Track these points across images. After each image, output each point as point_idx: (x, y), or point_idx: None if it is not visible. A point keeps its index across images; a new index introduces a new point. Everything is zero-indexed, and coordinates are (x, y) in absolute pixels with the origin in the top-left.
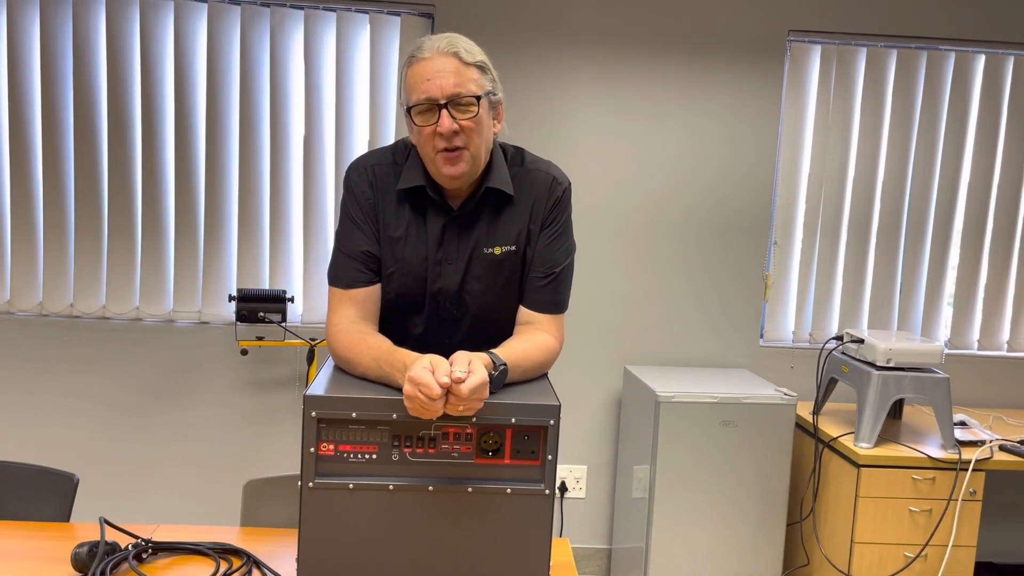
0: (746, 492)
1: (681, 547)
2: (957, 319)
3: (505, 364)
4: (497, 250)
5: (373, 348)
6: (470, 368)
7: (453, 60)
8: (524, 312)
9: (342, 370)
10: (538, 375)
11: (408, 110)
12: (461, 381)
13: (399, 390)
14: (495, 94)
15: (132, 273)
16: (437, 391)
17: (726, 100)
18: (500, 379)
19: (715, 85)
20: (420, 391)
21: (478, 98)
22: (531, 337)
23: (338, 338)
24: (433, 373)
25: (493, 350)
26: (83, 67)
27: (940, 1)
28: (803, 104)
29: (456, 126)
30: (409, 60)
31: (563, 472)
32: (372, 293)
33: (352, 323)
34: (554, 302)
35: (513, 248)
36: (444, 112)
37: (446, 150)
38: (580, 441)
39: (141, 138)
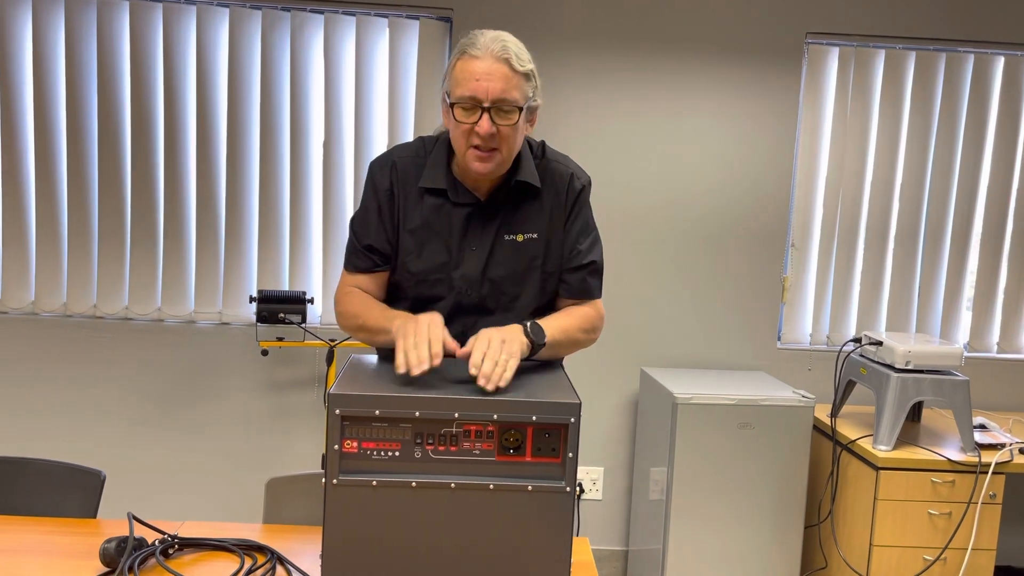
0: (764, 494)
1: (698, 549)
2: (976, 322)
3: (536, 321)
4: (519, 237)
5: (377, 304)
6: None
7: (504, 66)
8: (561, 301)
9: (361, 368)
10: (581, 339)
11: (450, 103)
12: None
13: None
14: (535, 100)
15: (154, 275)
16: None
17: (744, 103)
18: (536, 329)
19: (733, 88)
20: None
21: (520, 108)
22: (567, 310)
23: (344, 298)
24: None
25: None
26: (107, 72)
27: (959, 3)
28: (821, 106)
29: (494, 130)
30: (461, 53)
31: (580, 473)
32: (375, 280)
33: (347, 294)
34: (586, 289)
35: (535, 236)
36: (486, 115)
37: (478, 147)
38: (597, 442)
39: (163, 142)
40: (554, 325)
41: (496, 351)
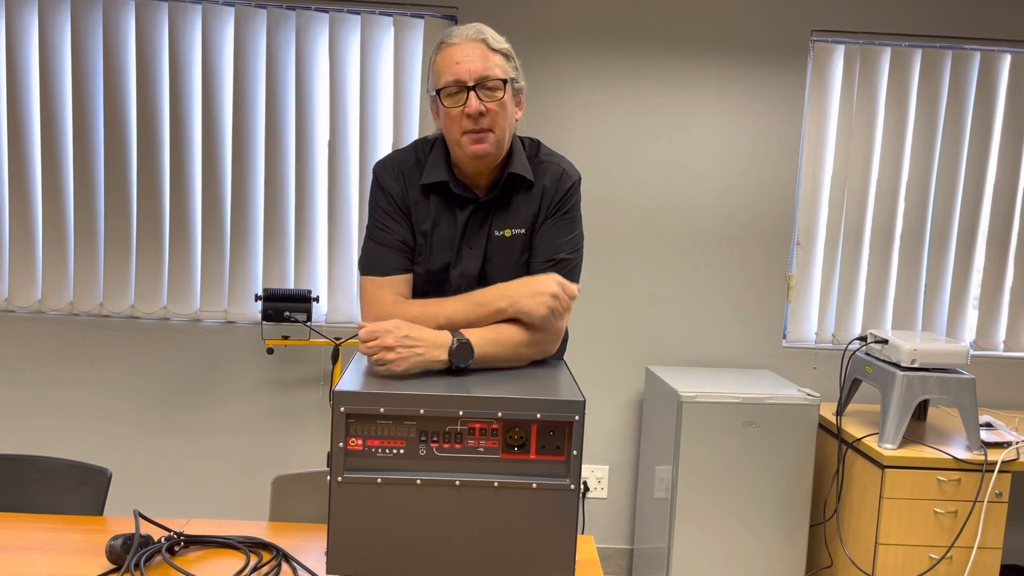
0: (769, 493)
1: (703, 548)
2: (983, 320)
3: (466, 340)
4: (508, 232)
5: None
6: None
7: (480, 46)
8: None
9: (366, 365)
10: (523, 354)
11: (437, 93)
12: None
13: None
14: (518, 81)
15: (160, 273)
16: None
17: (749, 101)
18: (462, 351)
19: (738, 86)
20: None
21: (504, 82)
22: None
23: (396, 308)
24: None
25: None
26: (112, 72)
27: (966, 0)
28: (826, 105)
29: (483, 107)
30: (438, 46)
31: (585, 472)
32: (408, 280)
33: (396, 304)
34: None
35: (523, 231)
36: (472, 94)
37: (472, 132)
38: (602, 441)
39: (169, 141)
40: (489, 340)
41: (406, 358)
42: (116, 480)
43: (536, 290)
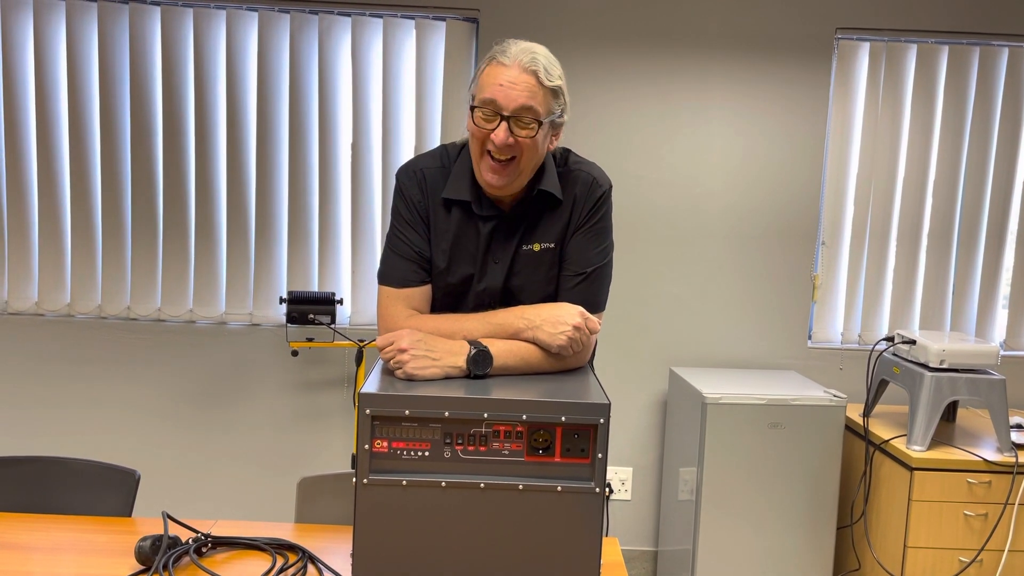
0: (795, 495)
1: (729, 550)
2: (1013, 320)
3: (485, 347)
4: (536, 246)
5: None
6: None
7: (531, 78)
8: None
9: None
10: (546, 367)
11: (473, 107)
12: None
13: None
14: (560, 117)
15: (186, 277)
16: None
17: (773, 100)
18: (481, 359)
19: (762, 85)
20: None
21: (540, 122)
22: None
23: (408, 325)
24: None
25: (481, 339)
26: (138, 77)
27: None
28: (851, 103)
29: (511, 140)
30: (491, 58)
31: (609, 474)
32: (424, 292)
33: (410, 318)
34: (585, 301)
35: (552, 245)
36: (504, 124)
37: (492, 157)
38: (626, 443)
39: (194, 145)
40: (510, 351)
41: (420, 358)
42: (144, 481)
43: (558, 319)
